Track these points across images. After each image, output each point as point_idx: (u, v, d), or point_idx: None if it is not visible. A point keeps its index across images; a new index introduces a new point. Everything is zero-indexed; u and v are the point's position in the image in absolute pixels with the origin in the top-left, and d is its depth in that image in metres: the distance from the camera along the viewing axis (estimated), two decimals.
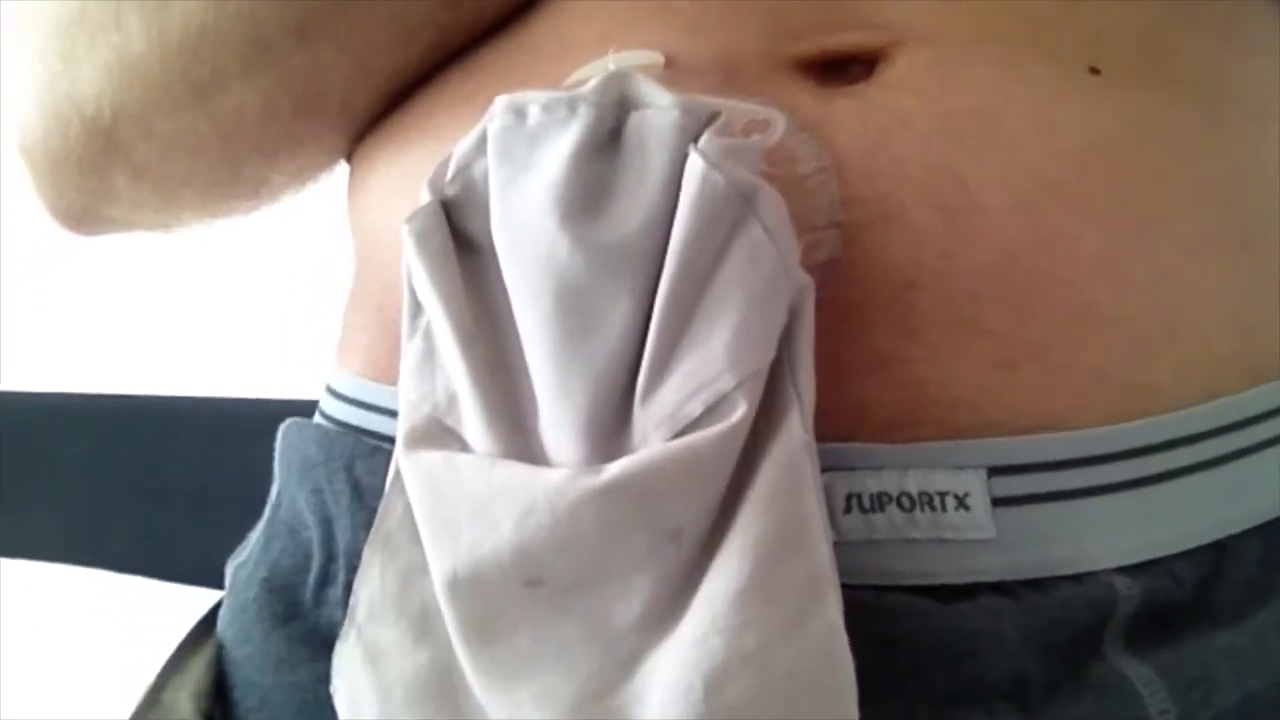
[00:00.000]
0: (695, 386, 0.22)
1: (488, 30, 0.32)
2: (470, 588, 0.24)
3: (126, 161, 0.34)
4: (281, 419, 0.35)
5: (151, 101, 0.32)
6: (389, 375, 0.31)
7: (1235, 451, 0.26)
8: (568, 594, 0.23)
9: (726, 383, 0.22)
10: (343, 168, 0.38)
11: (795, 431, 0.22)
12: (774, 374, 0.23)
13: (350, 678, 0.25)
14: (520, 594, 0.23)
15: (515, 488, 0.23)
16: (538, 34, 0.31)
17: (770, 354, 0.23)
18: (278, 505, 0.34)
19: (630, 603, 0.23)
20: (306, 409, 0.36)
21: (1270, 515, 0.27)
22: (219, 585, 0.35)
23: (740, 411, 0.22)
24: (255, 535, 0.35)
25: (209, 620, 0.34)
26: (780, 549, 0.22)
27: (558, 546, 0.23)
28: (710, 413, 0.22)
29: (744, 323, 0.22)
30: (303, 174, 0.37)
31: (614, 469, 0.23)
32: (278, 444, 0.35)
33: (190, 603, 0.36)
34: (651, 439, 0.23)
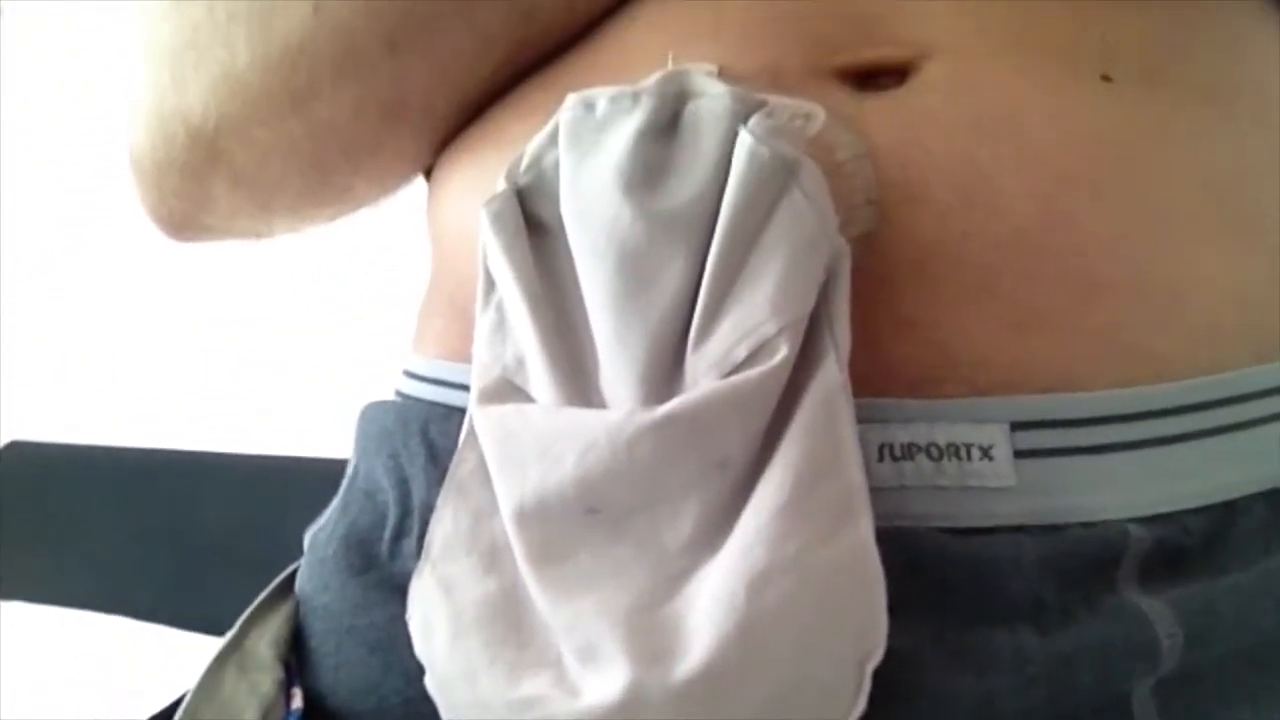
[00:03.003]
0: (742, 333, 0.25)
1: (558, 48, 0.36)
2: (536, 517, 0.26)
3: (227, 168, 0.38)
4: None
5: (252, 110, 0.36)
6: (461, 356, 0.34)
7: (1240, 423, 0.29)
8: (624, 519, 0.26)
9: (770, 329, 0.25)
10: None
11: (832, 371, 0.25)
12: (813, 325, 0.26)
13: (424, 606, 0.28)
14: (581, 521, 0.26)
15: (578, 427, 0.26)
16: (604, 50, 0.34)
17: (810, 304, 0.25)
18: (354, 476, 0.37)
19: (680, 526, 0.26)
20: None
21: (1273, 484, 0.29)
22: None
23: (782, 354, 0.25)
24: (332, 506, 0.37)
25: (287, 583, 0.37)
26: (817, 470, 0.24)
27: (615, 476, 0.26)
28: (755, 356, 0.25)
29: (786, 276, 0.25)
30: (384, 181, 0.40)
31: (669, 405, 0.25)
32: (356, 424, 0.38)
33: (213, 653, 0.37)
34: (702, 382, 0.26)
